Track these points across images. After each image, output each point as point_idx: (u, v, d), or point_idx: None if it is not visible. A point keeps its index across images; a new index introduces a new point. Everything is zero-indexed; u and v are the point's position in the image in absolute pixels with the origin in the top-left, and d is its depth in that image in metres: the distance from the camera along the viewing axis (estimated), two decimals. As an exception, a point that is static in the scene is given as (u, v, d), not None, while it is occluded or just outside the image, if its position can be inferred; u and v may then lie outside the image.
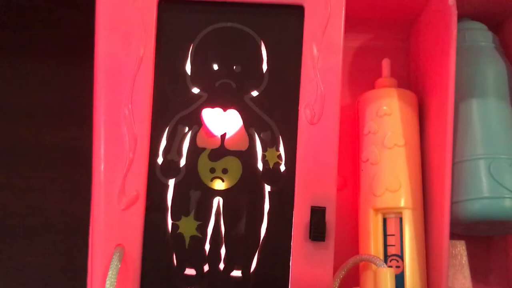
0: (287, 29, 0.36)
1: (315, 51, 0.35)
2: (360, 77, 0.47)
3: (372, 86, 0.44)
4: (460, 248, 0.44)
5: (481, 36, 0.43)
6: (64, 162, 0.46)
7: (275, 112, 0.36)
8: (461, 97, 0.41)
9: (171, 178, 0.36)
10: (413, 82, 0.45)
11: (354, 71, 0.47)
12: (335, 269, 0.39)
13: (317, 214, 0.34)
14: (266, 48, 0.36)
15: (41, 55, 0.48)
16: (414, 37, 0.46)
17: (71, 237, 0.45)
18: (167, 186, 0.35)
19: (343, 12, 0.35)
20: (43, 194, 0.46)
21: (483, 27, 0.44)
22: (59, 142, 0.46)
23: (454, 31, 0.38)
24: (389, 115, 0.41)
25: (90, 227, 0.36)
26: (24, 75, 0.47)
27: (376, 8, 0.45)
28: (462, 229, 0.41)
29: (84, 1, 0.37)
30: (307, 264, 0.35)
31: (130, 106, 0.35)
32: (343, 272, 0.39)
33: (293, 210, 0.35)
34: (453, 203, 0.39)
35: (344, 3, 0.36)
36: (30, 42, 0.48)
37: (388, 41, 0.48)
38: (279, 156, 0.36)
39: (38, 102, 0.47)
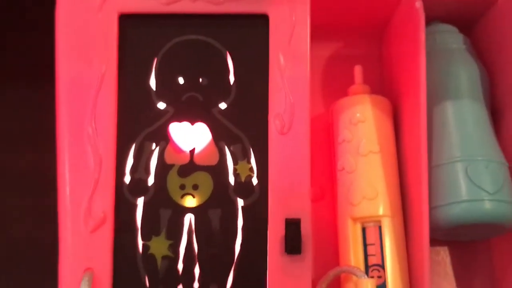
0: (253, 39, 0.35)
1: (282, 60, 0.34)
2: (333, 86, 0.46)
3: (345, 94, 0.43)
4: (443, 254, 0.44)
5: (452, 38, 0.43)
6: (31, 187, 0.45)
7: (245, 124, 0.35)
8: (435, 100, 0.41)
9: (140, 197, 0.34)
10: (386, 88, 0.45)
11: (327, 79, 0.47)
12: (317, 282, 0.38)
13: (292, 227, 0.34)
14: (232, 59, 0.35)
15: (4, 80, 0.47)
16: (385, 42, 0.46)
17: (40, 266, 0.44)
18: (135, 206, 0.34)
19: (308, 19, 0.35)
20: (10, 221, 0.45)
21: (454, 29, 0.43)
22: (26, 166, 0.45)
23: (423, 34, 0.38)
24: (362, 122, 0.41)
25: (59, 252, 0.35)
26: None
27: (345, 16, 0.45)
28: (443, 234, 0.40)
29: (44, 22, 0.36)
30: (284, 278, 0.34)
31: (93, 124, 0.34)
32: (324, 286, 0.38)
33: (267, 224, 0.34)
34: (432, 208, 0.38)
35: (308, 11, 0.35)
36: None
37: (360, 48, 0.47)
38: (251, 169, 0.35)
39: (2, 127, 0.46)
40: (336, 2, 0.42)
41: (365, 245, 0.39)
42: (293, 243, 0.33)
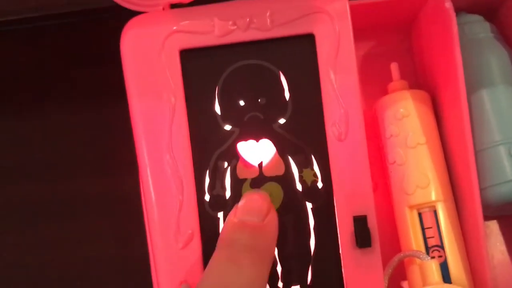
0: (302, 57, 0.38)
1: (331, 75, 0.38)
2: (371, 83, 0.49)
3: (384, 90, 0.47)
4: (493, 227, 0.47)
5: (480, 27, 0.46)
6: (111, 210, 0.49)
7: (304, 135, 0.38)
8: (470, 89, 0.44)
9: (220, 211, 0.38)
10: (421, 81, 0.48)
11: (364, 78, 0.49)
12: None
13: (360, 223, 0.37)
14: (285, 78, 0.39)
15: (78, 108, 0.51)
16: (414, 36, 0.49)
17: (127, 282, 0.48)
18: (218, 219, 0.38)
19: (351, 32, 0.38)
20: (96, 243, 0.49)
21: (480, 18, 0.46)
22: (104, 191, 0.49)
23: (455, 31, 0.41)
24: (407, 116, 0.44)
25: (152, 269, 0.39)
26: (64, 131, 0.51)
27: (376, 17, 0.48)
28: (492, 211, 0.44)
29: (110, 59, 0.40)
30: (358, 269, 0.37)
31: (171, 152, 0.38)
32: (390, 270, 0.42)
33: (336, 222, 0.38)
34: (481, 190, 0.41)
35: (350, 24, 0.38)
36: (68, 99, 0.51)
37: (391, 44, 0.50)
38: (315, 175, 0.38)
39: (80, 156, 0.50)
40: (369, 8, 0.45)
41: (423, 229, 0.43)
42: (363, 237, 0.37)
